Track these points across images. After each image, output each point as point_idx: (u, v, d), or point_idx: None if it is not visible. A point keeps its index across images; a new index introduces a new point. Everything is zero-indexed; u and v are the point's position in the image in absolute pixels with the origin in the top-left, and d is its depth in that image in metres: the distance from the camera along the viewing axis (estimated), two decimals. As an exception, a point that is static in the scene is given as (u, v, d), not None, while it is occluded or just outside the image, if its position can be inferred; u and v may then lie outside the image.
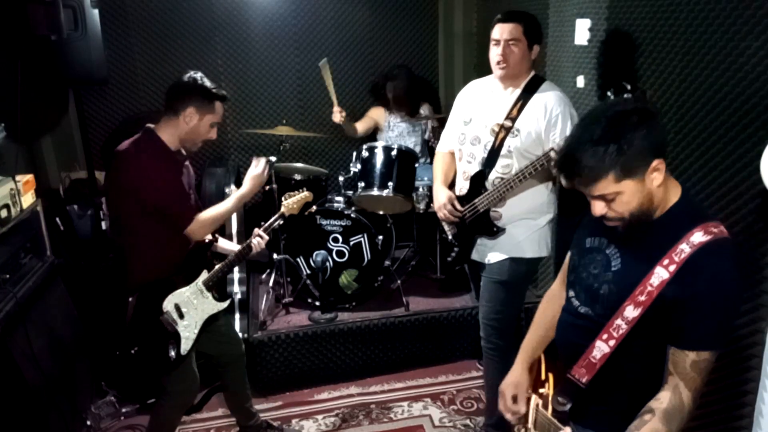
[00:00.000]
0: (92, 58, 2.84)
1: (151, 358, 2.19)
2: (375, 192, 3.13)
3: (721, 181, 1.88)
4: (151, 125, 2.20)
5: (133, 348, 2.16)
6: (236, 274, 3.34)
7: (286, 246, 3.34)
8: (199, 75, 2.21)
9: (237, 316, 3.23)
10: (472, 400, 3.03)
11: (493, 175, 2.29)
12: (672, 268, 1.28)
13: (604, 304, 1.43)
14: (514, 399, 1.61)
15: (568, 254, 1.64)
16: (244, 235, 3.48)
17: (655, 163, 1.27)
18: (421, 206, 3.37)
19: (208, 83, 2.20)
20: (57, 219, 3.06)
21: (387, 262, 3.39)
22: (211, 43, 4.03)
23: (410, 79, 3.84)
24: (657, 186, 1.30)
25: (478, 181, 2.33)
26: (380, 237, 3.28)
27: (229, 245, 2.45)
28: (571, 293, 1.55)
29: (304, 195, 2.50)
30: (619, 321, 1.35)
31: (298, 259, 3.36)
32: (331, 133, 4.14)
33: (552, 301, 1.69)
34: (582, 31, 2.61)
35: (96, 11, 2.85)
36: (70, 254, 3.07)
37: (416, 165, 3.24)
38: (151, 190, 2.08)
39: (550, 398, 1.49)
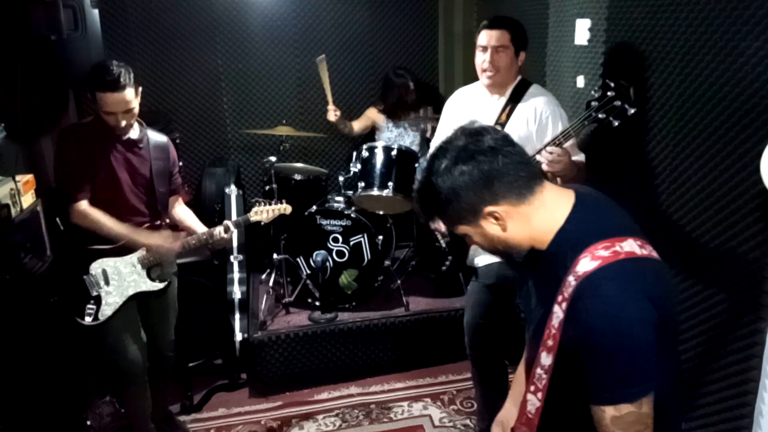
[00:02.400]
0: (92, 58, 2.83)
1: (68, 310, 2.31)
2: (375, 192, 3.13)
3: (721, 181, 1.88)
4: None
5: (52, 297, 2.29)
6: (236, 274, 3.35)
7: (286, 246, 3.34)
8: (99, 63, 2.23)
9: (237, 316, 3.23)
10: (472, 400, 3.03)
11: None
12: (564, 306, 1.09)
13: (531, 349, 1.26)
14: None
15: None
16: (244, 235, 3.48)
17: (486, 210, 1.14)
18: (421, 206, 3.37)
19: (96, 75, 2.17)
20: (57, 219, 3.06)
21: (387, 262, 3.39)
22: (211, 43, 4.03)
23: (415, 83, 3.84)
24: (504, 232, 1.16)
25: None
26: (380, 237, 3.28)
27: (197, 226, 2.55)
28: (527, 332, 1.36)
29: (279, 207, 2.64)
30: (539, 370, 1.18)
31: (298, 259, 3.36)
32: (331, 133, 4.14)
33: None
34: (582, 31, 2.61)
35: (96, 11, 2.85)
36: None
37: (416, 165, 3.24)
38: (54, 161, 2.37)
39: None
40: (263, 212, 2.61)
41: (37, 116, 3.04)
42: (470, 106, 2.37)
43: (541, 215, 1.17)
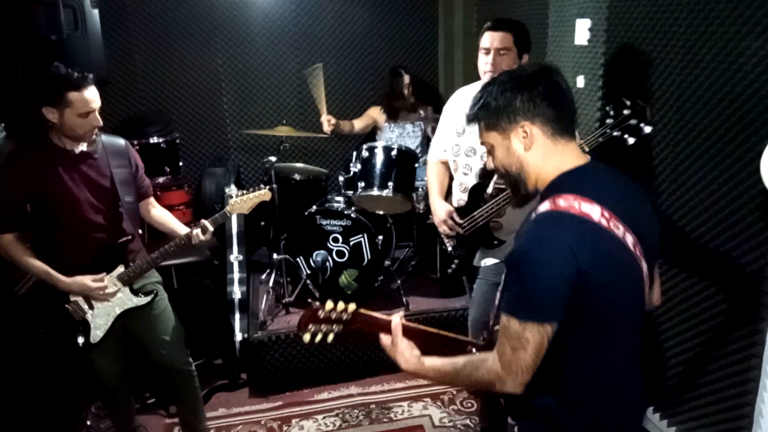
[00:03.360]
0: (92, 58, 2.84)
1: (58, 341, 2.23)
2: (375, 192, 3.13)
3: (721, 181, 1.88)
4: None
5: (39, 330, 2.20)
6: (236, 274, 3.35)
7: (286, 246, 3.34)
8: (52, 69, 2.03)
9: (237, 316, 3.23)
10: (472, 400, 3.03)
11: (492, 186, 2.26)
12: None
13: None
14: None
15: None
16: (245, 236, 3.48)
17: (521, 123, 1.29)
18: (421, 206, 3.37)
19: (60, 79, 2.00)
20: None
21: (387, 262, 3.39)
22: (211, 43, 4.03)
23: (413, 81, 3.85)
24: (525, 151, 1.31)
25: (477, 193, 2.29)
26: (380, 237, 3.28)
27: (178, 227, 2.39)
28: None
29: (257, 194, 2.38)
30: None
31: (298, 259, 3.36)
32: (331, 133, 4.14)
33: None
34: (582, 31, 2.61)
35: (96, 11, 2.86)
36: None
37: (416, 165, 3.24)
38: None
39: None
40: (242, 202, 2.37)
41: (37, 116, 3.05)
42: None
43: (554, 158, 1.31)
